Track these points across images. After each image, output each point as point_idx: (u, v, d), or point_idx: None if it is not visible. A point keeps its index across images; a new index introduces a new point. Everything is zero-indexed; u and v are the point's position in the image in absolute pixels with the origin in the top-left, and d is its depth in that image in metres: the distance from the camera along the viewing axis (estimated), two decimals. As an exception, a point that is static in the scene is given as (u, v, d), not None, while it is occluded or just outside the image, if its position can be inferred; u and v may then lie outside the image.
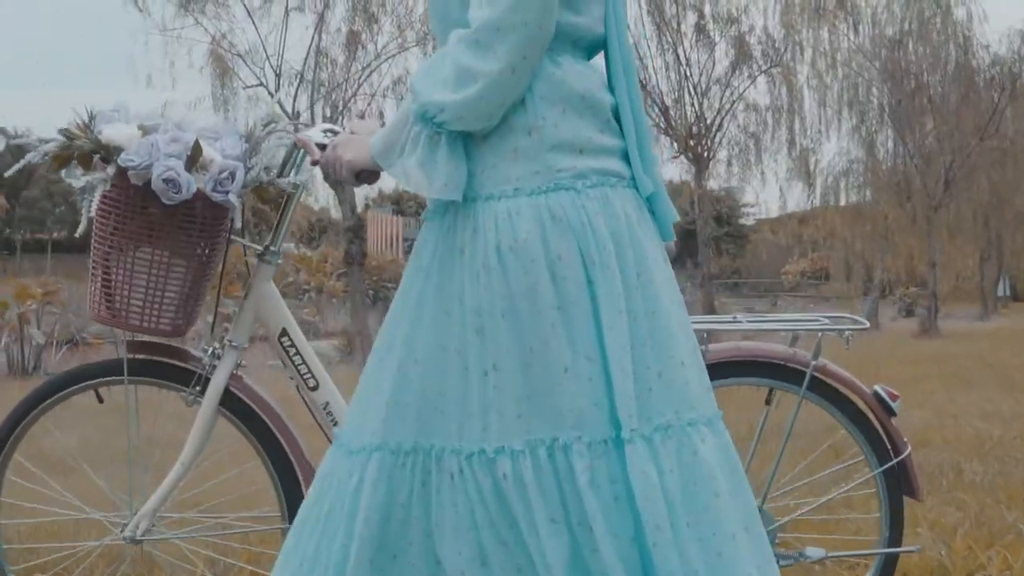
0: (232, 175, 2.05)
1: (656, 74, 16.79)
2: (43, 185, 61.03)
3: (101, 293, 2.18)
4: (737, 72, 17.11)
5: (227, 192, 2.04)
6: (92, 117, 2.12)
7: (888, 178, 20.75)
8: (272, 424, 2.26)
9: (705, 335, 2.13)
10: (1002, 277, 33.03)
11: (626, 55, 1.64)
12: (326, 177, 2.02)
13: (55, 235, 61.87)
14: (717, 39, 16.95)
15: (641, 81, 13.76)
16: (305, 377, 2.24)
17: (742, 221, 55.17)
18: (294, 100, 15.67)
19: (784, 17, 17.24)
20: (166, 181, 1.99)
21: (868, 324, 2.16)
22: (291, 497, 2.26)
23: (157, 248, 2.12)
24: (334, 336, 16.51)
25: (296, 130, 2.21)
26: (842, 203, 22.62)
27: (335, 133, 2.15)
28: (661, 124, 16.91)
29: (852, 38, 18.53)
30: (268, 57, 15.45)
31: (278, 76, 15.58)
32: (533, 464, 1.45)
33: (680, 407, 1.50)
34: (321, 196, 18.60)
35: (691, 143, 16.67)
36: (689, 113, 16.77)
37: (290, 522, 2.24)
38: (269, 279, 2.26)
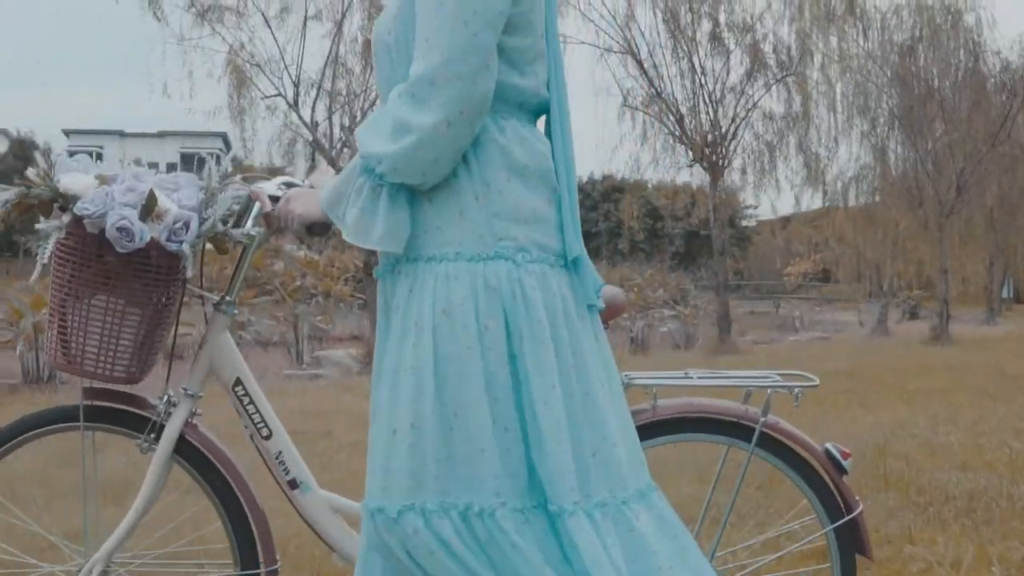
0: (186, 225, 2.07)
1: (671, 82, 16.68)
2: (50, 185, 61.23)
3: (58, 339, 2.19)
4: (752, 81, 17.01)
5: (181, 242, 2.06)
6: (51, 166, 2.15)
7: (900, 184, 20.68)
8: (226, 472, 2.26)
9: (653, 391, 2.12)
10: (1006, 279, 33.08)
11: (564, 119, 1.65)
12: (276, 229, 2.04)
13: (61, 235, 62.20)
14: (732, 47, 16.84)
15: (656, 89, 13.77)
16: (259, 426, 2.24)
17: (744, 223, 55.16)
18: (312, 110, 15.73)
19: (796, 24, 17.13)
20: (120, 230, 2.01)
21: (817, 382, 2.15)
22: (243, 545, 2.26)
23: (112, 296, 2.13)
24: (343, 341, 16.50)
25: (252, 183, 2.21)
26: (853, 209, 22.51)
27: (291, 186, 2.17)
28: (676, 132, 16.82)
29: (862, 43, 18.45)
30: (287, 67, 15.46)
31: (296, 86, 15.58)
32: (452, 525, 1.47)
33: (614, 486, 1.53)
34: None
35: (706, 151, 16.58)
36: (704, 121, 16.68)
37: (242, 569, 2.26)
38: (224, 329, 2.26)
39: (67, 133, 71.84)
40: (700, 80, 16.65)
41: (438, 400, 1.48)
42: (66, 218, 2.07)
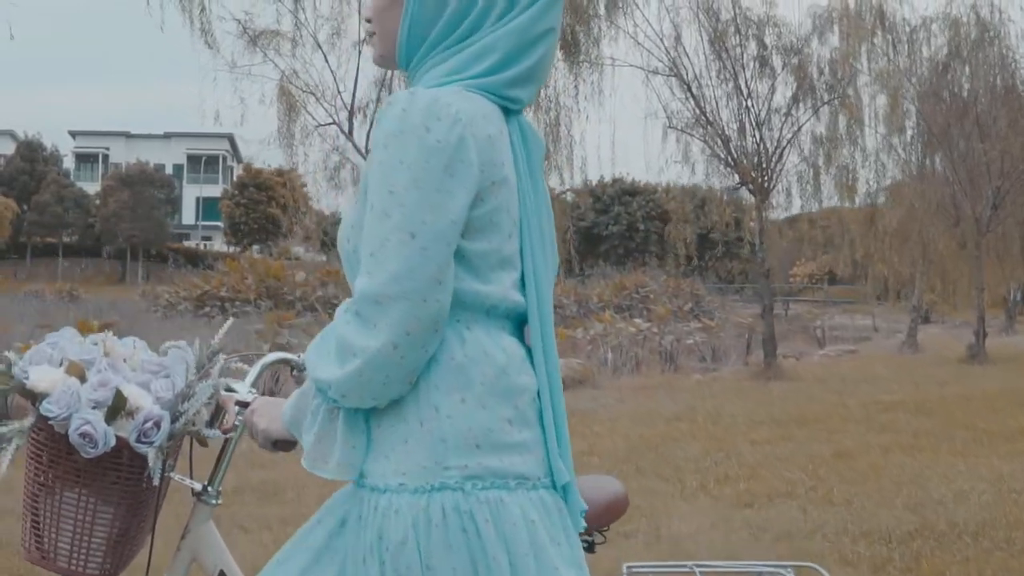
0: (157, 424, 1.88)
1: (716, 103, 16.35)
2: (54, 190, 61.48)
3: (31, 532, 2.02)
4: (799, 104, 16.64)
5: (151, 443, 1.84)
6: (11, 364, 1.95)
7: (935, 201, 20.42)
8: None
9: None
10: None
11: (546, 327, 1.52)
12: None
13: (66, 239, 62.22)
14: (779, 70, 16.48)
15: (701, 110, 13.59)
16: None
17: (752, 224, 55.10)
18: (367, 137, 15.55)
19: (841, 45, 16.77)
20: (82, 436, 1.86)
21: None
22: None
23: (84, 492, 1.96)
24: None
25: (230, 371, 1.99)
26: (889, 225, 22.20)
27: (286, 363, 2.10)
28: (721, 154, 16.51)
29: (892, 57, 18.16)
30: (340, 93, 15.27)
31: (351, 113, 15.37)
32: None
33: None
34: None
35: (753, 174, 16.25)
36: (750, 143, 16.37)
37: None
38: (208, 519, 2.08)
39: (73, 134, 72.05)
40: (747, 103, 16.28)
41: None
42: (30, 419, 1.89)
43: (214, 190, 67.95)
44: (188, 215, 69.83)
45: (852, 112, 17.08)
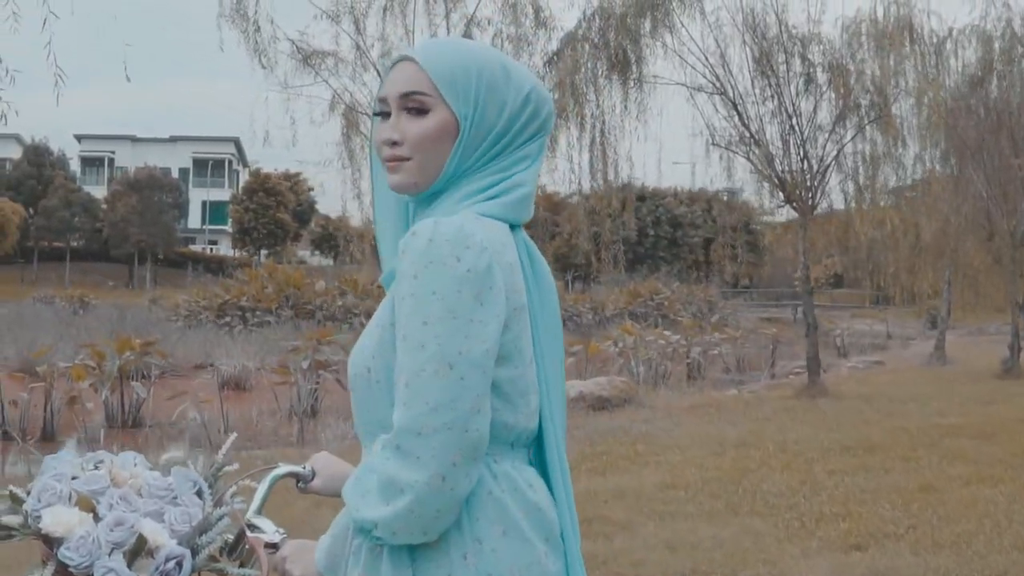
0: (179, 564, 1.76)
1: (761, 120, 16.19)
2: (62, 195, 61.25)
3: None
4: (844, 122, 16.48)
5: None
6: (22, 503, 1.83)
7: (971, 216, 20.33)
8: None
9: None
10: None
11: (562, 449, 1.55)
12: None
13: (73, 244, 61.92)
14: (824, 88, 16.33)
15: (745, 126, 13.34)
16: None
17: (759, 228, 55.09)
18: None
19: (883, 59, 16.62)
20: None
21: None
22: None
23: None
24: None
25: (250, 525, 1.86)
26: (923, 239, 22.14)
27: (296, 476, 1.89)
28: (766, 171, 16.38)
29: (921, 69, 18.06)
30: None
31: None
32: None
33: None
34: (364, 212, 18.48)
35: (798, 193, 16.11)
36: (794, 162, 16.22)
37: None
38: None
39: (79, 138, 71.85)
40: (792, 122, 16.08)
41: None
42: (50, 567, 1.76)
43: (220, 194, 67.84)
44: (194, 219, 69.68)
45: (894, 130, 16.93)
